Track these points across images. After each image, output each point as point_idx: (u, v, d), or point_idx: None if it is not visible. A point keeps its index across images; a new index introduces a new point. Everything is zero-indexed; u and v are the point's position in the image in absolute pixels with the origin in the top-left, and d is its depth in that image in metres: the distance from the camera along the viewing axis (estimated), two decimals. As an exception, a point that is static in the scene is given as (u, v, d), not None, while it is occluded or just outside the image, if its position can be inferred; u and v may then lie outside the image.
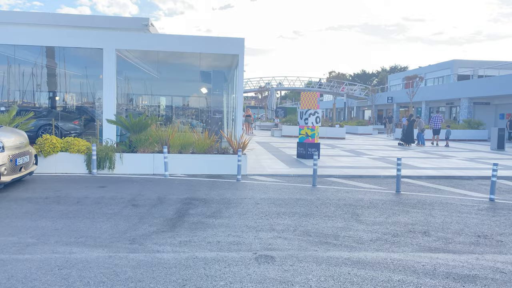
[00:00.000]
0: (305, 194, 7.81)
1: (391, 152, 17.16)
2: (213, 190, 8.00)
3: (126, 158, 9.69)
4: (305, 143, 13.58)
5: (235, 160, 9.86)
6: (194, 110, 14.65)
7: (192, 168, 9.83)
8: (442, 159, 14.44)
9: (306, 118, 13.60)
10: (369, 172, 10.71)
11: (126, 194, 7.53)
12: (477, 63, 42.65)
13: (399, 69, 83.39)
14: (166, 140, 9.70)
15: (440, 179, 10.02)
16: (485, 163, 13.53)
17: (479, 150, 18.97)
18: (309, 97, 13.70)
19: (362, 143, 22.66)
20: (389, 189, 8.54)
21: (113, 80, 11.49)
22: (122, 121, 9.85)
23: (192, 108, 14.74)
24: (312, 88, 61.31)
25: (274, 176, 9.85)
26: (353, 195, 7.81)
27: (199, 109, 14.25)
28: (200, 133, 10.35)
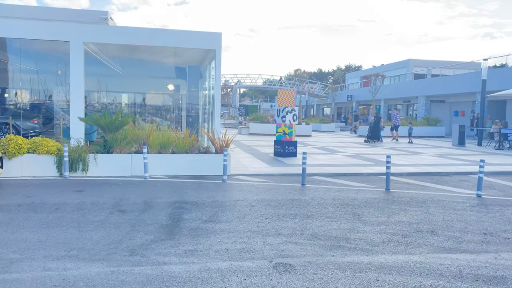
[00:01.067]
0: (298, 194, 7.58)
1: (361, 149, 17.41)
2: (201, 192, 7.58)
3: (101, 159, 9.02)
4: (283, 141, 13.39)
5: (218, 160, 9.47)
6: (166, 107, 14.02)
7: (172, 169, 9.32)
8: (414, 156, 14.79)
9: (283, 116, 13.41)
10: (350, 169, 10.70)
11: (108, 198, 6.94)
12: (431, 63, 44.62)
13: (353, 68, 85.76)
14: (145, 140, 9.12)
15: (421, 176, 10.17)
16: (454, 158, 14.00)
17: (442, 146, 19.70)
18: (286, 94, 13.53)
19: (330, 141, 22.89)
20: (378, 187, 8.52)
21: (81, 75, 10.71)
22: (96, 120, 9.15)
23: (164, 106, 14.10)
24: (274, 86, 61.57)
25: (258, 176, 9.56)
26: (345, 194, 7.68)
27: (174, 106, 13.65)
28: (175, 130, 9.85)
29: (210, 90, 13.49)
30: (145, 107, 13.85)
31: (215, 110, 11.50)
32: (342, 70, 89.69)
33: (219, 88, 11.56)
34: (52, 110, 15.76)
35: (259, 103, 79.20)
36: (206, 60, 13.49)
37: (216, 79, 11.53)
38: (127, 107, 15.87)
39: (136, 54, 13.13)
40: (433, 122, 30.41)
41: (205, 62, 13.72)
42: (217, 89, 11.53)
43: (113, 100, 16.39)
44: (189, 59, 12.71)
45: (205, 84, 14.09)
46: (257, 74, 58.33)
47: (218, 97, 11.51)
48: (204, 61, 13.61)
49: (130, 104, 16.06)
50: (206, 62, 13.71)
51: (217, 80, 11.55)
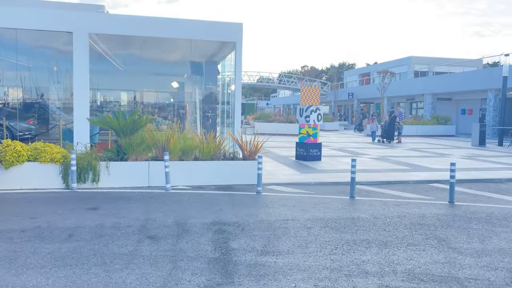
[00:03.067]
0: (354, 211, 6.41)
1: (383, 150, 16.30)
2: (239, 209, 6.37)
3: (114, 167, 7.76)
4: (306, 144, 12.22)
5: (246, 167, 8.27)
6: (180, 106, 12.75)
7: (196, 178, 8.09)
8: (442, 158, 13.72)
9: (307, 115, 12.23)
10: (392, 176, 9.56)
11: (131, 219, 5.70)
12: (433, 60, 43.70)
13: (347, 66, 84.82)
14: (165, 145, 7.88)
15: (474, 184, 9.06)
16: (488, 161, 12.95)
17: (463, 147, 18.69)
18: (310, 92, 12.35)
19: (342, 141, 21.79)
20: (438, 199, 7.38)
21: (86, 71, 9.42)
22: (108, 121, 7.88)
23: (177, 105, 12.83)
24: (273, 83, 60.37)
25: (293, 186, 8.37)
26: (408, 210, 6.53)
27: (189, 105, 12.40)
28: (199, 133, 8.60)
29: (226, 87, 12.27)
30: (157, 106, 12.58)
31: (236, 110, 10.29)
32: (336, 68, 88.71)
33: (239, 84, 10.34)
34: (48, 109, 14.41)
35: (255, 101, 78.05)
36: (222, 54, 12.26)
37: (237, 74, 10.31)
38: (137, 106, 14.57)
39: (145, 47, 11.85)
40: (443, 120, 29.46)
41: (219, 56, 12.48)
42: (238, 86, 10.31)
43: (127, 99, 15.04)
44: (204, 53, 11.47)
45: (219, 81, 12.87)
46: (255, 72, 57.04)
47: (238, 94, 10.29)
48: (219, 55, 12.37)
49: (141, 103, 14.75)
50: (221, 56, 12.48)
51: (237, 76, 10.33)
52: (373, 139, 21.72)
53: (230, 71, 11.45)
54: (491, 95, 27.28)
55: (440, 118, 29.51)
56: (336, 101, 49.78)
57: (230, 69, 11.44)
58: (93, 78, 14.31)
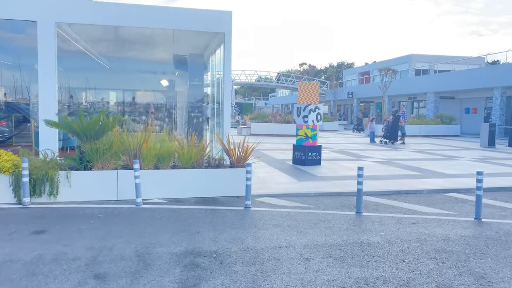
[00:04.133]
0: (362, 232, 5.21)
1: (387, 152, 15.12)
2: (221, 231, 5.17)
3: (77, 178, 6.55)
4: (304, 147, 11.02)
5: (234, 176, 7.07)
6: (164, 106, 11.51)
7: (174, 189, 6.89)
8: (453, 161, 12.53)
9: (305, 115, 11.04)
10: (402, 185, 8.37)
11: (80, 247, 4.50)
12: (434, 58, 42.55)
13: (346, 65, 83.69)
14: (136, 150, 6.67)
15: (496, 193, 7.87)
16: (503, 164, 11.77)
17: (471, 148, 17.51)
18: (308, 89, 11.15)
19: (343, 142, 20.61)
20: (460, 214, 6.19)
21: (53, 65, 8.23)
22: (69, 124, 6.67)
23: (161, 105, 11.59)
24: (271, 82, 59.22)
25: (289, 197, 7.17)
26: (428, 230, 5.34)
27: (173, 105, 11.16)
28: (179, 136, 7.38)
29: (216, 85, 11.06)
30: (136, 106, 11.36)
31: (225, 109, 9.08)
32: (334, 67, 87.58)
33: (229, 81, 9.14)
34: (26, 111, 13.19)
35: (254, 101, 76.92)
36: (210, 48, 11.06)
37: (226, 69, 9.11)
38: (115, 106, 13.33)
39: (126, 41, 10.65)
40: (447, 120, 28.29)
41: (207, 50, 11.28)
42: (227, 82, 9.10)
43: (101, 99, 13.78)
44: (190, 46, 10.27)
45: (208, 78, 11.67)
46: (253, 71, 55.83)
47: (228, 91, 9.09)
48: (207, 49, 11.17)
49: (119, 103, 13.52)
50: (209, 50, 11.28)
51: (226, 71, 9.13)
52: (371, 140, 20.57)
53: (221, 68, 10.26)
54: (498, 93, 26.12)
55: (444, 118, 28.35)
56: (336, 100, 48.63)
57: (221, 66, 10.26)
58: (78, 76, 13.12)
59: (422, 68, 40.53)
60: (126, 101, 10.98)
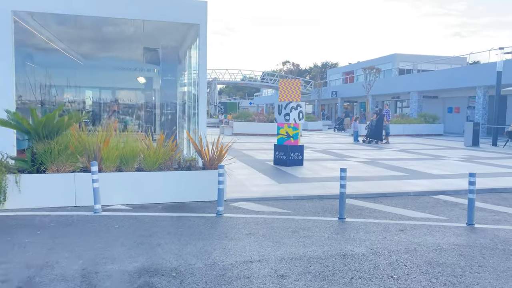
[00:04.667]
0: (345, 242, 4.66)
1: (371, 152, 14.70)
2: (186, 242, 4.54)
3: (28, 182, 5.83)
4: (286, 146, 10.46)
5: (207, 178, 6.45)
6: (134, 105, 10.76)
7: (139, 194, 6.23)
8: (439, 161, 12.16)
9: (286, 113, 10.48)
10: (387, 186, 7.88)
11: (17, 265, 3.82)
12: (417, 57, 42.66)
13: (330, 65, 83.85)
14: (95, 151, 5.98)
15: (487, 195, 7.42)
16: (489, 164, 11.44)
17: (456, 147, 17.26)
18: (290, 85, 10.60)
19: (326, 141, 20.17)
20: (451, 219, 5.70)
21: (10, 59, 7.46)
22: (19, 121, 5.94)
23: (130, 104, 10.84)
24: (255, 81, 58.70)
25: (267, 202, 6.59)
26: (418, 239, 4.82)
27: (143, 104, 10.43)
28: (146, 136, 6.70)
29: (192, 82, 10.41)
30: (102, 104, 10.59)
31: (200, 107, 8.44)
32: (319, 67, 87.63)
33: (204, 77, 8.51)
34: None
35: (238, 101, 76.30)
36: (186, 42, 10.41)
37: (201, 64, 8.47)
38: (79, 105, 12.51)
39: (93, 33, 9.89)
40: (431, 119, 28.19)
41: (183, 44, 10.62)
42: (202, 79, 8.48)
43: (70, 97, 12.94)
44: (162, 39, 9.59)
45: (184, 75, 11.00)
46: (237, 70, 55.38)
47: (203, 89, 8.46)
48: (183, 43, 10.51)
49: (84, 101, 12.69)
50: (185, 44, 10.62)
51: (201, 66, 8.49)
52: (355, 140, 20.20)
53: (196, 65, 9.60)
54: (480, 92, 26.10)
55: (427, 117, 28.25)
56: (320, 100, 48.41)
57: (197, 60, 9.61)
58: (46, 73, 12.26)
59: (406, 68, 40.55)
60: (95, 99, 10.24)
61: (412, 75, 35.62)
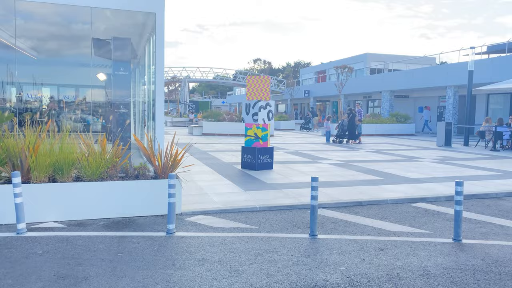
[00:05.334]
0: (316, 268, 3.90)
1: (343, 153, 14.14)
2: (122, 275, 3.67)
3: None
4: (254, 149, 9.67)
5: (159, 189, 5.56)
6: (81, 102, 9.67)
7: (77, 209, 5.28)
8: (414, 163, 11.70)
9: (255, 113, 9.69)
10: (362, 192, 7.22)
11: None
12: (388, 57, 42.92)
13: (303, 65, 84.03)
14: (22, 158, 4.99)
15: (468, 201, 6.87)
16: (464, 166, 11.06)
17: (429, 148, 16.99)
18: (259, 82, 9.81)
19: (298, 142, 19.56)
20: (435, 233, 5.06)
21: None
22: None
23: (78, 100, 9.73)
24: (227, 80, 57.74)
25: (230, 215, 5.77)
26: (399, 260, 4.12)
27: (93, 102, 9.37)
28: (83, 139, 5.71)
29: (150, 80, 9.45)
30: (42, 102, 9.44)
31: (157, 107, 7.51)
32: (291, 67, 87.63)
33: (161, 72, 7.59)
34: None
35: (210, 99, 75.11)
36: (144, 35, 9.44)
37: (157, 58, 7.55)
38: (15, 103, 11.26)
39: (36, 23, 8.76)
40: (402, 118, 28.15)
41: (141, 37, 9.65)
42: (159, 74, 7.55)
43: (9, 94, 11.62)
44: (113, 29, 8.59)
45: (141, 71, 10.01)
46: (208, 68, 54.18)
47: (160, 86, 7.54)
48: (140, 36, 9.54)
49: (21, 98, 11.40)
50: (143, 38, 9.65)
51: (158, 60, 7.58)
52: (327, 140, 19.71)
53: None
54: (450, 92, 26.21)
55: (399, 116, 28.19)
56: (292, 99, 48.02)
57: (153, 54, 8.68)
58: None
59: (377, 67, 40.67)
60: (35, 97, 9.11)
61: (383, 75, 35.64)
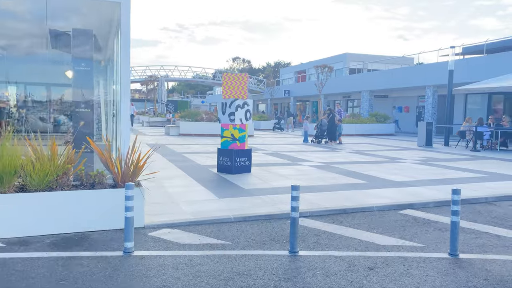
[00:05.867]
0: (298, 295, 3.31)
1: (323, 154, 13.67)
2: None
3: None
4: (231, 151, 9.04)
5: (118, 199, 4.87)
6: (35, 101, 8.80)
7: (20, 224, 4.54)
8: (396, 164, 11.31)
9: (231, 112, 9.06)
10: (345, 199, 6.69)
11: None
12: (368, 57, 43.00)
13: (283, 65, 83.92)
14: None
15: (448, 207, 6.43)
16: (448, 167, 10.73)
17: (410, 148, 16.73)
18: (235, 80, 9.18)
19: (278, 142, 19.03)
20: (429, 246, 4.54)
21: None
22: None
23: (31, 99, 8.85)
24: (206, 79, 56.86)
25: (199, 227, 5.13)
26: (393, 283, 3.57)
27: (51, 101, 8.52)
28: (29, 142, 4.94)
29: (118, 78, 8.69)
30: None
31: (122, 106, 6.76)
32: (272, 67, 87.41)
33: (127, 68, 6.85)
34: None
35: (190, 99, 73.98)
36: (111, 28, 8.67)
37: (123, 52, 6.82)
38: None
39: None
40: (382, 118, 28.01)
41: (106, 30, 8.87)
42: (125, 71, 6.81)
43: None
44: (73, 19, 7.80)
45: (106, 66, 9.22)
46: (187, 67, 53.05)
47: (126, 85, 6.80)
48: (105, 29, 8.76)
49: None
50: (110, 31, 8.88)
51: (124, 56, 6.84)
52: (304, 140, 19.26)
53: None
54: (430, 92, 26.19)
55: (379, 116, 28.04)
56: (272, 99, 47.58)
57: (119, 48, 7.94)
58: None
59: (357, 67, 40.65)
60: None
61: (362, 74, 35.58)
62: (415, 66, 30.57)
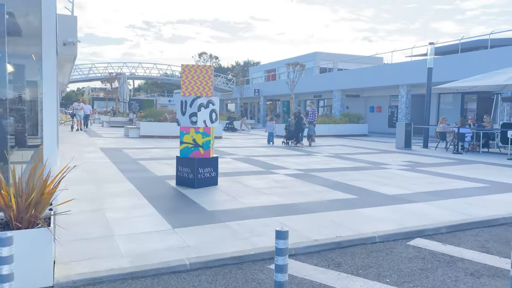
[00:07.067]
0: None
1: (299, 159, 12.28)
2: None
3: None
4: (193, 160, 7.41)
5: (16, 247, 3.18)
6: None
7: None
8: (381, 171, 10.06)
9: (193, 113, 7.43)
10: (335, 223, 5.24)
11: None
12: (337, 56, 42.25)
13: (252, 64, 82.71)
14: None
15: (472, 231, 5.13)
16: (439, 174, 9.59)
17: (389, 151, 15.65)
18: (198, 74, 7.55)
19: (248, 144, 17.55)
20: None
21: None
22: None
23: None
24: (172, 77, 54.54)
25: (135, 283, 3.52)
26: None
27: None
28: None
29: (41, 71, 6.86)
30: None
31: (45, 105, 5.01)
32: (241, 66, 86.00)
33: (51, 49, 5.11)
34: None
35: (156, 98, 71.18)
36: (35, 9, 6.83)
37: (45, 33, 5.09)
38: None
39: None
40: (355, 119, 27.08)
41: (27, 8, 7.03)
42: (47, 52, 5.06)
43: None
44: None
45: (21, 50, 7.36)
46: (152, 64, 50.59)
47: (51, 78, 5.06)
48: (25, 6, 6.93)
49: None
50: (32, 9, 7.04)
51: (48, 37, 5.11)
52: (268, 141, 17.91)
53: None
54: (403, 91, 25.45)
55: (352, 116, 27.10)
56: (242, 98, 46.01)
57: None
58: None
59: (327, 66, 39.78)
60: None
61: (333, 73, 34.69)
62: (388, 65, 29.84)
